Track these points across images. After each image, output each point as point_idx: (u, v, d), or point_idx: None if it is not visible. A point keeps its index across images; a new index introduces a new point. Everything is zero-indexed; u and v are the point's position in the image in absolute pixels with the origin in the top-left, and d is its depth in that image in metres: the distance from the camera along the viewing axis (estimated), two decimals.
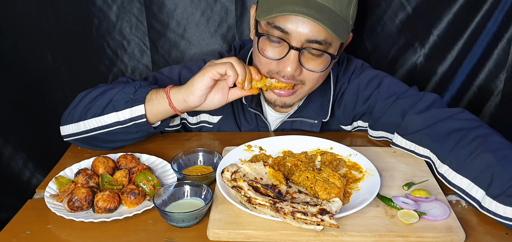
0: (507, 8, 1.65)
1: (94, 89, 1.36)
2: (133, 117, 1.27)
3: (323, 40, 1.21)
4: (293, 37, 1.21)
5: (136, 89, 1.28)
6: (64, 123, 1.37)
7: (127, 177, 1.16)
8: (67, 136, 1.38)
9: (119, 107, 1.27)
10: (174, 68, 1.50)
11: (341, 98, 1.48)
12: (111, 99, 1.28)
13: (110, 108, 1.28)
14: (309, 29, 1.19)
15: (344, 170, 1.21)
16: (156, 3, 1.73)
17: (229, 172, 1.13)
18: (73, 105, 1.36)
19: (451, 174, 1.14)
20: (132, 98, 1.27)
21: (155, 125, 1.32)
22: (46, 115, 1.94)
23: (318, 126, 1.46)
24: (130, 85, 1.30)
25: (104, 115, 1.28)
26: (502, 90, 1.79)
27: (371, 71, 1.47)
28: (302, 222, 0.96)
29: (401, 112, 1.33)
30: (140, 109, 1.26)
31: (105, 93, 1.31)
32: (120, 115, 1.27)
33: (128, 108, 1.26)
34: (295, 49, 1.22)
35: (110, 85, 1.35)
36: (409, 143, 1.29)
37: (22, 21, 1.76)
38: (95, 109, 1.29)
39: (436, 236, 0.98)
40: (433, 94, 1.33)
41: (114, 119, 1.28)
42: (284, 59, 1.24)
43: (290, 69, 1.24)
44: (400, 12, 1.72)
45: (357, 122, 1.51)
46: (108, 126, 1.29)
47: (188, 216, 1.01)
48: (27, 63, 1.84)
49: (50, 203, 1.08)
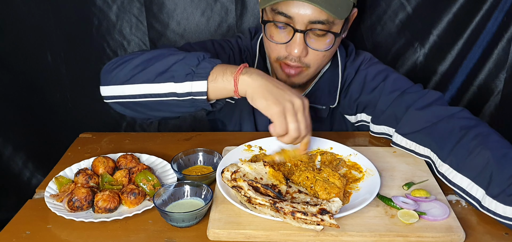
0: (507, 8, 1.65)
1: (144, 52, 1.26)
2: (193, 92, 1.17)
3: (325, 20, 1.26)
4: (297, 21, 1.26)
5: (200, 62, 1.17)
6: (105, 83, 1.26)
7: (127, 177, 1.16)
8: (108, 97, 1.27)
9: (179, 78, 1.16)
10: (204, 41, 1.50)
11: (348, 88, 1.50)
12: (169, 67, 1.18)
13: (167, 77, 1.18)
14: (311, 11, 1.25)
15: (344, 170, 1.21)
16: (156, 3, 1.73)
17: (229, 172, 1.13)
18: (118, 63, 1.25)
19: (451, 173, 1.14)
20: (194, 71, 1.16)
21: (212, 101, 1.23)
22: (46, 115, 1.94)
23: (326, 112, 1.50)
24: (193, 56, 1.19)
25: (160, 83, 1.18)
26: (502, 90, 1.79)
27: (380, 65, 1.50)
28: (302, 222, 0.96)
29: (404, 107, 1.34)
30: (202, 86, 1.16)
31: (160, 58, 1.20)
32: (178, 87, 1.17)
33: (189, 81, 1.16)
34: (300, 31, 1.28)
35: (169, 50, 1.25)
36: (409, 142, 1.29)
37: (22, 21, 1.76)
38: (147, 74, 1.19)
39: (436, 236, 0.98)
40: (436, 92, 1.34)
41: (170, 89, 1.18)
42: (290, 43, 1.31)
43: (297, 51, 1.30)
44: (400, 12, 1.72)
45: (361, 115, 1.51)
46: (162, 95, 1.20)
47: (188, 216, 1.01)
48: (27, 63, 1.84)
49: (50, 203, 1.08)
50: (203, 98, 1.18)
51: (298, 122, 1.10)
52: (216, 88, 1.17)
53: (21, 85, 1.88)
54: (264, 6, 1.30)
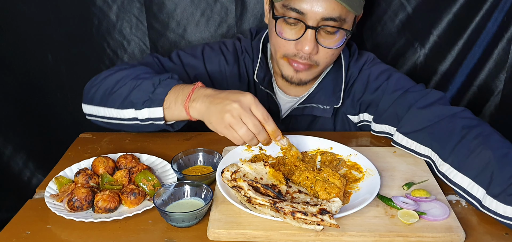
0: (507, 8, 1.65)
1: (118, 69, 1.34)
2: (152, 118, 1.27)
3: (337, 17, 1.26)
4: (309, 17, 1.26)
5: (155, 88, 1.25)
6: (86, 101, 1.37)
7: (127, 177, 1.16)
8: (88, 115, 1.39)
9: (138, 105, 1.26)
10: (196, 47, 1.54)
11: (351, 87, 1.50)
12: (129, 94, 1.26)
13: (129, 104, 1.27)
14: (324, 7, 1.24)
15: (344, 170, 1.21)
16: (156, 3, 1.73)
17: (229, 172, 1.13)
18: (96, 82, 1.35)
19: (452, 173, 1.14)
20: (150, 98, 1.25)
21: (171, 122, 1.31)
22: (46, 115, 1.94)
23: (330, 112, 1.49)
24: (148, 81, 1.26)
25: (123, 109, 1.28)
26: (502, 90, 1.79)
27: (383, 65, 1.51)
28: (302, 222, 0.96)
29: (406, 106, 1.34)
30: (159, 112, 1.25)
31: (125, 83, 1.28)
32: (138, 113, 1.27)
33: (147, 107, 1.26)
34: (312, 28, 1.27)
35: (131, 71, 1.32)
36: (410, 141, 1.29)
37: (22, 21, 1.76)
38: (114, 100, 1.29)
39: (436, 236, 0.98)
40: (439, 92, 1.34)
41: (132, 115, 1.28)
42: (301, 39, 1.30)
43: (308, 48, 1.29)
44: (400, 12, 1.72)
45: (363, 114, 1.51)
46: (127, 120, 1.30)
47: (188, 216, 1.01)
48: (27, 63, 1.84)
49: (50, 203, 1.08)
50: (161, 123, 1.27)
51: (245, 123, 1.10)
52: (172, 114, 1.25)
53: (21, 85, 1.88)
54: (277, 1, 1.29)
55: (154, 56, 1.49)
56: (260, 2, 1.71)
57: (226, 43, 1.56)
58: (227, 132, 1.13)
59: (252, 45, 1.55)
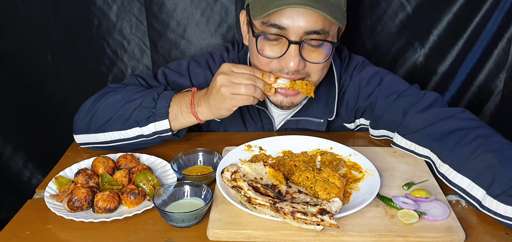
0: (507, 8, 1.65)
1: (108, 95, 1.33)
2: (158, 131, 1.28)
3: (320, 30, 1.21)
4: (291, 32, 1.21)
5: (156, 102, 1.27)
6: (80, 132, 1.35)
7: (127, 177, 1.16)
8: (84, 144, 1.38)
9: (142, 122, 1.27)
10: (182, 63, 1.50)
11: (343, 95, 1.47)
12: (131, 114, 1.27)
13: (132, 123, 1.28)
14: (306, 21, 1.19)
15: (344, 170, 1.21)
16: (156, 3, 1.73)
17: (229, 172, 1.13)
18: (84, 113, 1.34)
19: (451, 173, 1.14)
20: (154, 113, 1.27)
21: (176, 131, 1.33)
22: (46, 115, 1.94)
23: (324, 125, 1.46)
24: (148, 98, 1.28)
25: (127, 129, 1.29)
26: (502, 90, 1.79)
27: (372, 67, 1.47)
28: (302, 222, 0.96)
29: (402, 111, 1.33)
30: (165, 124, 1.27)
31: (122, 105, 1.29)
32: (144, 130, 1.28)
33: (152, 122, 1.27)
34: (295, 43, 1.21)
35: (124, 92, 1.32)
36: (409, 142, 1.29)
37: (22, 21, 1.76)
38: (114, 123, 1.29)
39: (436, 236, 0.98)
40: (434, 93, 1.33)
41: (137, 133, 1.29)
42: (285, 56, 1.24)
43: (293, 65, 1.23)
44: (400, 12, 1.72)
45: (359, 120, 1.50)
46: (131, 139, 1.30)
47: (188, 216, 1.01)
48: (27, 63, 1.84)
49: (50, 203, 1.08)
50: (168, 134, 1.29)
51: (239, 83, 1.18)
52: (179, 124, 1.29)
53: (21, 85, 1.88)
54: (257, 19, 1.22)
55: (137, 76, 1.45)
56: None
57: (213, 55, 1.51)
58: (234, 102, 1.20)
59: (239, 58, 1.50)
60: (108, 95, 1.34)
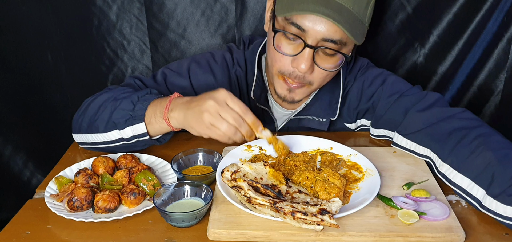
0: (507, 8, 1.65)
1: (99, 95, 1.33)
2: (136, 135, 1.25)
3: (338, 40, 1.22)
4: (309, 35, 1.21)
5: (134, 105, 1.24)
6: (75, 131, 1.36)
7: (127, 177, 1.16)
8: (80, 143, 1.38)
9: (120, 125, 1.24)
10: (183, 63, 1.49)
11: (346, 96, 1.48)
12: (110, 116, 1.25)
13: (112, 126, 1.25)
14: (326, 28, 1.19)
15: (344, 170, 1.21)
16: (156, 3, 1.73)
17: (229, 172, 1.13)
18: (80, 112, 1.34)
19: (452, 173, 1.14)
20: (131, 116, 1.23)
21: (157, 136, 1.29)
22: (46, 115, 1.94)
23: (326, 125, 1.47)
24: (127, 100, 1.25)
25: (108, 132, 1.26)
26: (502, 90, 1.79)
27: (376, 69, 1.48)
28: (302, 222, 0.96)
29: (403, 110, 1.33)
30: (141, 128, 1.22)
31: (106, 107, 1.27)
32: (123, 133, 1.25)
33: (129, 126, 1.23)
34: (310, 47, 1.22)
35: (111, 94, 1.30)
36: (409, 142, 1.29)
37: (22, 21, 1.76)
38: (98, 125, 1.27)
39: (436, 236, 0.98)
40: (436, 94, 1.34)
41: (118, 136, 1.26)
42: (298, 57, 1.25)
43: (304, 67, 1.24)
44: (400, 12, 1.72)
45: (360, 120, 1.51)
46: (113, 142, 1.28)
47: (188, 216, 1.01)
48: (27, 63, 1.84)
49: (50, 203, 1.08)
50: (146, 138, 1.25)
51: (225, 118, 1.10)
52: (154, 129, 1.23)
53: (21, 85, 1.88)
54: (280, 15, 1.24)
55: (135, 78, 1.45)
56: (260, 2, 1.71)
57: (214, 55, 1.50)
58: (210, 132, 1.12)
59: (245, 57, 1.49)
60: (98, 95, 1.33)
